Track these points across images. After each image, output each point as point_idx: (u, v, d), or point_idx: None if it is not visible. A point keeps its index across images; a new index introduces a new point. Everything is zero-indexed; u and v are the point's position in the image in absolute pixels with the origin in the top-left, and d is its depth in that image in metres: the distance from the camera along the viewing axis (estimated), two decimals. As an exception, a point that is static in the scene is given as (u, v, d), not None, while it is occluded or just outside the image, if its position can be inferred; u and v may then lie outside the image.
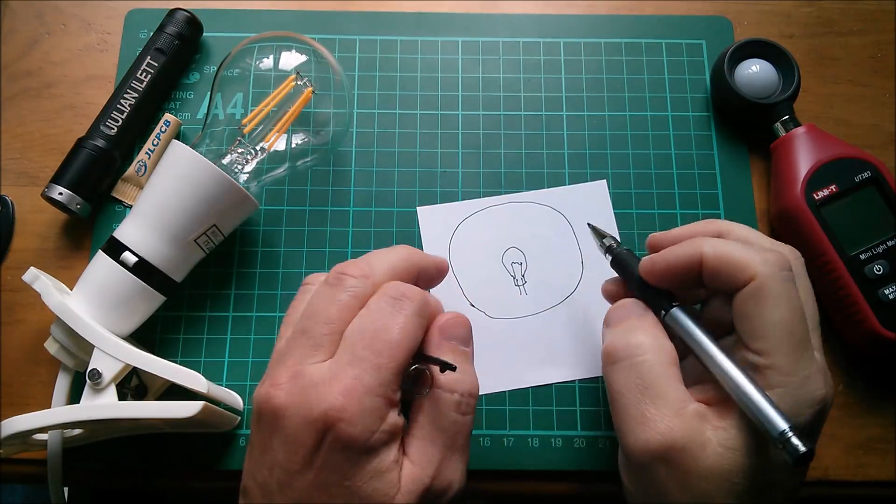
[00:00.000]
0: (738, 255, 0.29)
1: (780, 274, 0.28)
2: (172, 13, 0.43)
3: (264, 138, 0.39)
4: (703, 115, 0.44)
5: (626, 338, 0.30)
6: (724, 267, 0.29)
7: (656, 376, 0.29)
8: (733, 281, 0.29)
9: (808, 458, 0.25)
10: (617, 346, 0.30)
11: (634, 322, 0.31)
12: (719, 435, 0.27)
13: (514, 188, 0.43)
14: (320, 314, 0.28)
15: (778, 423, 0.26)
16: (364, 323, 0.28)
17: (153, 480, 0.38)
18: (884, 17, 0.47)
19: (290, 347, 0.28)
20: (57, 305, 0.34)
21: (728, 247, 0.29)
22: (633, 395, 0.29)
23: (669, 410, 0.28)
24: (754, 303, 0.28)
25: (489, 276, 0.41)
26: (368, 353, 0.27)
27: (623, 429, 0.29)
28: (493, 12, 0.46)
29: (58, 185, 0.39)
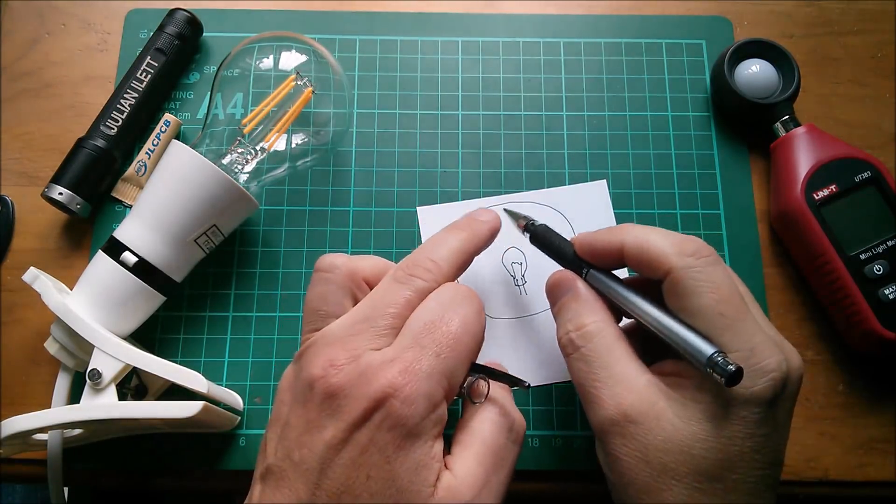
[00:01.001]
0: (653, 248, 0.29)
1: (697, 262, 0.29)
2: (172, 13, 0.43)
3: (264, 138, 0.39)
4: (703, 115, 0.44)
5: (569, 327, 0.31)
6: (641, 258, 0.30)
7: (604, 361, 0.30)
8: (653, 272, 0.30)
9: (738, 377, 0.26)
10: (564, 341, 0.31)
11: (573, 305, 0.32)
12: (674, 406, 0.28)
13: (514, 188, 0.43)
14: (385, 307, 0.29)
15: (705, 349, 0.27)
16: (425, 313, 0.28)
17: (153, 480, 0.38)
18: (884, 17, 0.47)
19: (348, 333, 0.28)
20: (57, 305, 0.34)
21: (647, 236, 0.30)
22: (588, 381, 0.30)
23: (621, 387, 0.29)
24: (676, 295, 0.29)
25: (489, 276, 0.41)
26: (429, 342, 0.27)
27: (587, 411, 0.30)
28: (493, 12, 0.46)
29: (58, 185, 0.39)
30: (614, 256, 0.31)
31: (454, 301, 0.29)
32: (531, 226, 0.37)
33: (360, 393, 0.26)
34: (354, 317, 0.29)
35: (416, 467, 0.26)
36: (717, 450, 0.27)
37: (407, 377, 0.26)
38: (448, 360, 0.27)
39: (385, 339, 0.28)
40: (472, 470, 0.27)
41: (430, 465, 0.26)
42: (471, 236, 0.33)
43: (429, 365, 0.27)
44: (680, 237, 0.30)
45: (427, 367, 0.26)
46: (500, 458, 0.29)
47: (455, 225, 0.34)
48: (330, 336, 0.29)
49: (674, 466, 0.27)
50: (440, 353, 0.27)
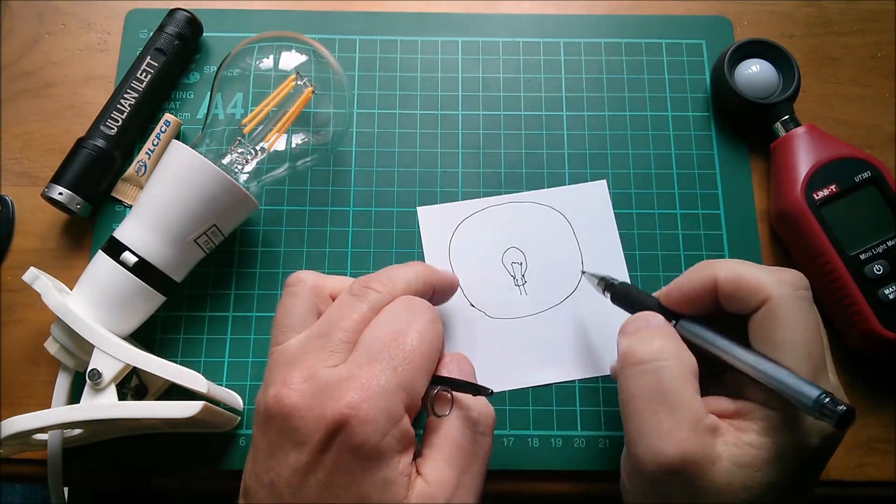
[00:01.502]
0: (751, 277, 0.29)
1: (795, 293, 0.28)
2: (172, 13, 0.43)
3: (264, 138, 0.39)
4: (703, 115, 0.44)
5: (648, 342, 0.29)
6: (737, 289, 0.29)
7: (677, 385, 0.28)
8: (748, 303, 0.29)
9: (851, 418, 0.24)
10: (637, 349, 0.29)
11: (654, 331, 0.30)
12: (730, 451, 0.27)
13: (514, 188, 0.43)
14: (340, 321, 0.28)
15: (810, 391, 0.25)
16: (381, 327, 0.28)
17: (153, 480, 0.38)
18: (884, 17, 0.47)
19: (303, 351, 0.28)
20: (57, 305, 0.34)
21: (741, 268, 0.29)
22: (650, 401, 0.28)
23: (686, 423, 0.27)
24: (769, 325, 0.28)
25: (489, 276, 0.41)
26: (385, 356, 0.27)
27: (635, 435, 0.28)
28: (493, 12, 0.46)
29: (58, 185, 0.39)
30: (705, 296, 0.30)
31: (408, 313, 0.29)
32: (611, 284, 0.36)
33: (317, 415, 0.26)
34: (310, 333, 0.29)
35: (384, 484, 0.26)
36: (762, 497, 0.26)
37: (363, 395, 0.25)
38: (405, 373, 0.27)
39: (340, 354, 0.28)
40: (443, 472, 0.27)
41: (397, 481, 0.26)
42: (428, 269, 0.33)
43: (386, 380, 0.26)
44: (776, 268, 0.29)
45: (384, 382, 0.26)
46: (469, 454, 0.28)
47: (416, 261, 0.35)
48: (287, 354, 0.29)
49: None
50: (397, 366, 0.27)
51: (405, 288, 0.31)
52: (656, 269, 0.41)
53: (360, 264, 0.41)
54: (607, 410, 0.39)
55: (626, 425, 0.29)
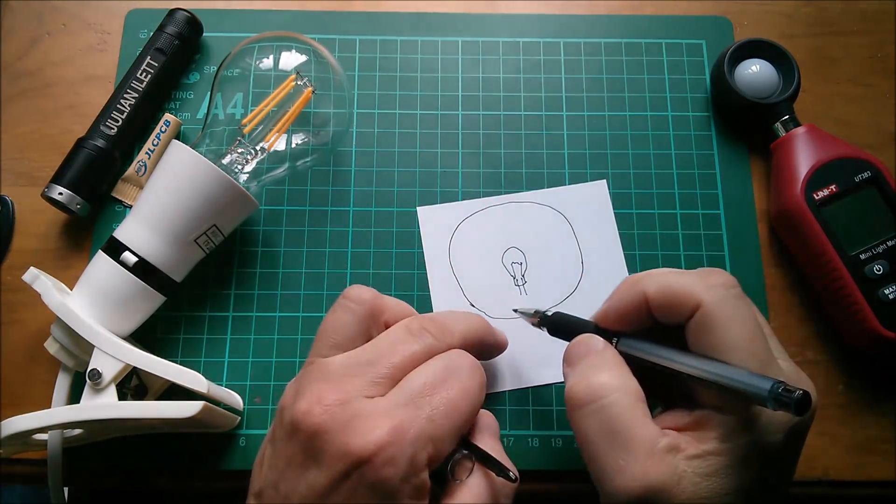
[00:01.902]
0: (679, 287, 0.28)
1: (726, 293, 0.28)
2: (172, 13, 0.43)
3: (264, 138, 0.39)
4: (703, 115, 0.44)
5: (588, 379, 0.29)
6: (668, 301, 0.28)
7: (623, 419, 0.27)
8: (680, 312, 0.28)
9: (808, 402, 0.24)
10: (579, 391, 0.29)
11: (594, 360, 0.30)
12: (693, 464, 0.26)
13: (514, 188, 0.43)
14: (390, 355, 0.28)
15: (763, 384, 0.25)
16: (429, 373, 0.28)
17: (153, 480, 0.38)
18: (884, 17, 0.47)
19: (345, 373, 0.28)
20: (57, 305, 0.34)
21: (669, 278, 0.29)
22: (602, 441, 0.27)
23: (642, 453, 0.26)
24: (707, 331, 0.27)
25: (489, 276, 0.41)
26: (424, 403, 0.26)
27: (598, 477, 0.28)
28: (493, 12, 0.46)
29: (58, 185, 0.39)
30: (639, 311, 0.30)
31: (460, 368, 0.28)
32: (544, 317, 0.35)
33: (343, 443, 0.25)
34: (357, 358, 0.28)
35: None
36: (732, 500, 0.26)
37: (394, 437, 0.25)
38: (440, 427, 0.26)
39: (380, 388, 0.27)
40: None
41: None
42: (489, 328, 0.33)
43: (419, 428, 0.26)
44: (702, 270, 0.29)
45: (418, 430, 0.26)
46: None
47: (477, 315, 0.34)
48: (327, 371, 0.28)
49: None
50: (434, 418, 0.26)
51: (462, 341, 0.30)
52: (656, 269, 0.41)
53: (360, 264, 0.41)
54: (607, 410, 0.38)
55: (589, 467, 0.29)
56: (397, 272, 0.41)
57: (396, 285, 0.41)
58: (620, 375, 0.29)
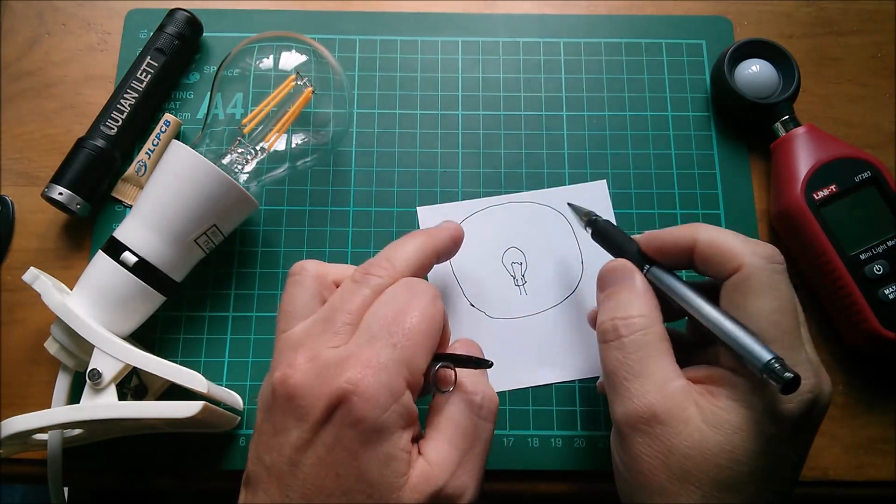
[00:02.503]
0: (728, 244, 0.29)
1: (768, 266, 0.29)
2: (172, 13, 0.43)
3: (264, 138, 0.39)
4: (703, 115, 0.44)
5: (616, 314, 0.30)
6: (714, 254, 0.30)
7: (643, 355, 0.29)
8: (722, 269, 0.29)
9: (795, 385, 0.25)
10: (607, 327, 0.31)
11: (625, 294, 0.31)
12: (705, 412, 0.27)
13: (514, 188, 0.43)
14: (343, 305, 0.29)
15: (763, 354, 0.26)
16: (380, 308, 0.28)
17: (153, 480, 0.38)
18: (884, 17, 0.47)
19: (307, 335, 0.29)
20: (57, 305, 0.34)
21: (721, 234, 0.30)
22: (620, 372, 0.29)
23: (653, 385, 0.28)
24: (740, 293, 0.28)
25: (489, 276, 0.41)
26: (385, 334, 0.27)
27: (610, 401, 0.30)
28: (493, 12, 0.46)
29: (58, 185, 0.39)
30: (682, 253, 0.31)
31: (408, 293, 0.29)
32: (593, 220, 0.36)
33: (319, 392, 0.26)
34: (315, 318, 0.29)
35: (385, 460, 0.26)
36: (741, 462, 0.27)
37: (364, 371, 0.26)
38: (406, 349, 0.27)
39: (343, 336, 0.28)
40: (445, 453, 0.28)
41: (399, 457, 0.26)
42: (429, 239, 0.33)
43: (386, 357, 0.27)
44: (755, 240, 0.30)
45: (384, 359, 0.26)
46: (471, 437, 0.29)
47: (416, 231, 0.34)
48: (292, 338, 0.29)
49: (695, 473, 0.27)
50: (396, 343, 0.27)
51: (405, 268, 0.31)
52: (656, 269, 0.41)
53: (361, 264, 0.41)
54: (607, 410, 0.38)
55: (607, 392, 0.31)
56: (397, 272, 0.41)
57: (396, 285, 0.41)
58: (648, 310, 0.30)
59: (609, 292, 0.32)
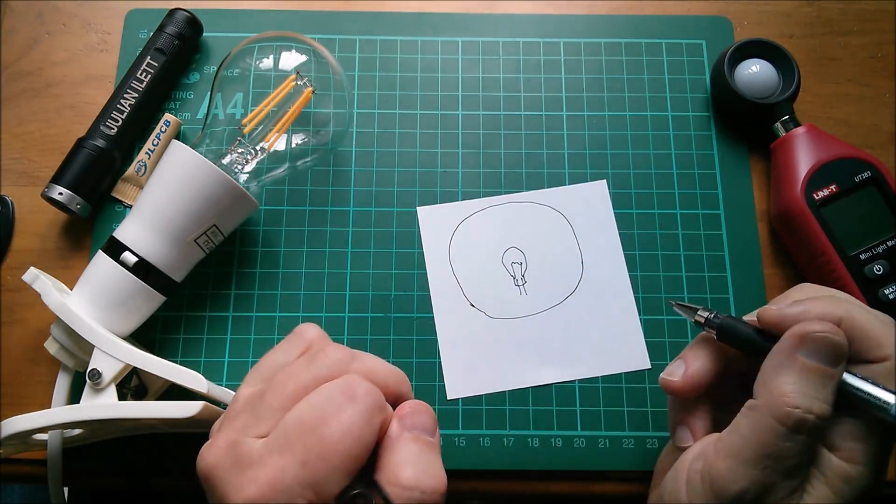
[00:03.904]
0: (876, 330, 0.28)
1: None
2: (172, 13, 0.43)
3: (264, 138, 0.39)
4: (703, 115, 0.44)
5: (812, 403, 0.27)
6: (859, 337, 0.28)
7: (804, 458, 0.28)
8: (864, 354, 0.28)
9: None
10: (797, 412, 0.27)
11: (828, 380, 0.27)
12: None
13: (514, 188, 0.43)
14: (279, 387, 0.27)
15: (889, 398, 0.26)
16: (305, 410, 0.25)
17: (153, 480, 0.38)
18: (884, 17, 0.47)
19: (244, 408, 0.27)
20: (57, 305, 0.34)
21: (868, 317, 0.28)
22: (779, 459, 0.27)
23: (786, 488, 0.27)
24: (884, 383, 0.27)
25: (489, 276, 0.41)
26: (300, 447, 0.24)
27: (734, 464, 0.28)
28: (493, 12, 0.46)
29: (58, 185, 0.39)
30: None
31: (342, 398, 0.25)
32: (716, 320, 0.31)
33: (224, 497, 0.25)
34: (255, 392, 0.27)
35: None
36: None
37: (264, 491, 0.24)
38: (317, 470, 0.24)
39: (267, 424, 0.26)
40: None
41: None
42: (401, 376, 0.29)
43: (291, 476, 0.24)
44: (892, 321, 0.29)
45: (289, 479, 0.24)
46: None
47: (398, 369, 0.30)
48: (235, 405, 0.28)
49: None
50: (306, 461, 0.24)
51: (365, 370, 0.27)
52: (656, 269, 0.41)
53: (360, 264, 0.41)
54: (607, 410, 0.39)
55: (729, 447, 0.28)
56: (397, 272, 0.41)
57: (396, 285, 0.41)
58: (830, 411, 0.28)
59: (816, 367, 0.27)
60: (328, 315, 0.40)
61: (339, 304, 0.40)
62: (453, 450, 0.38)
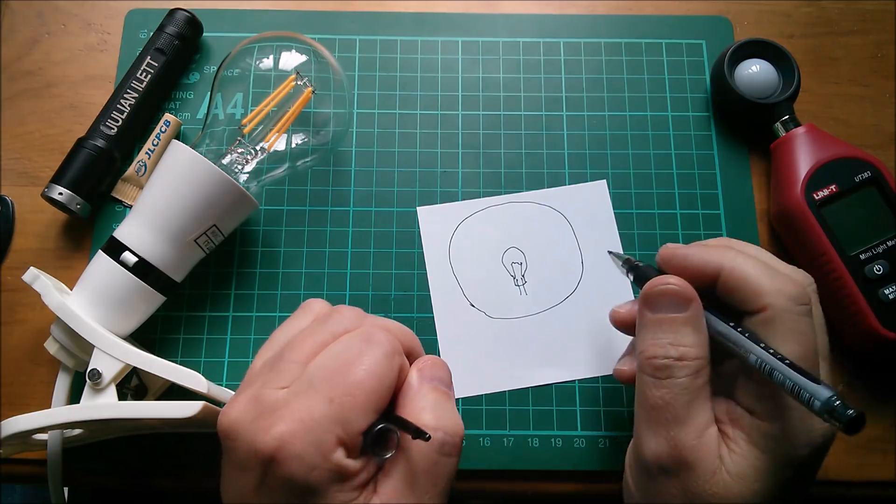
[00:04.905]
0: (755, 280, 0.29)
1: (795, 308, 0.28)
2: (172, 13, 0.43)
3: (264, 138, 0.39)
4: (703, 115, 0.44)
5: (667, 351, 0.29)
6: (739, 287, 0.29)
7: (690, 399, 0.28)
8: (745, 304, 0.29)
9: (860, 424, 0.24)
10: (659, 363, 0.29)
11: (683, 328, 0.29)
12: (726, 461, 0.28)
13: (514, 188, 0.43)
14: (297, 345, 0.28)
15: (822, 392, 0.25)
16: (328, 357, 0.27)
17: (153, 480, 0.38)
18: (884, 17, 0.47)
19: (261, 372, 0.28)
20: (57, 305, 0.34)
21: (748, 267, 0.29)
22: (663, 412, 0.28)
23: (692, 432, 0.28)
24: (762, 333, 0.28)
25: (489, 276, 0.41)
26: (326, 387, 0.25)
27: (642, 432, 0.29)
28: (493, 12, 0.46)
29: (58, 185, 0.39)
30: (705, 279, 0.30)
31: (362, 344, 0.27)
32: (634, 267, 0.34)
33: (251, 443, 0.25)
34: (273, 355, 0.28)
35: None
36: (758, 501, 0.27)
37: (293, 427, 0.25)
38: (342, 406, 0.25)
39: (288, 376, 0.27)
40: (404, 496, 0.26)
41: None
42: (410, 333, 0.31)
43: (319, 412, 0.25)
44: (782, 276, 0.29)
45: (317, 414, 0.25)
46: (433, 476, 0.26)
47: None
48: (252, 372, 0.28)
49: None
50: (333, 398, 0.25)
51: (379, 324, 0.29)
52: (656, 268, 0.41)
53: (360, 264, 0.41)
54: (607, 410, 0.39)
55: (637, 420, 0.30)
56: (397, 272, 0.41)
57: (396, 285, 0.41)
58: (698, 349, 0.29)
59: (663, 318, 0.30)
60: (328, 315, 0.40)
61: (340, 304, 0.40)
62: (453, 450, 0.38)
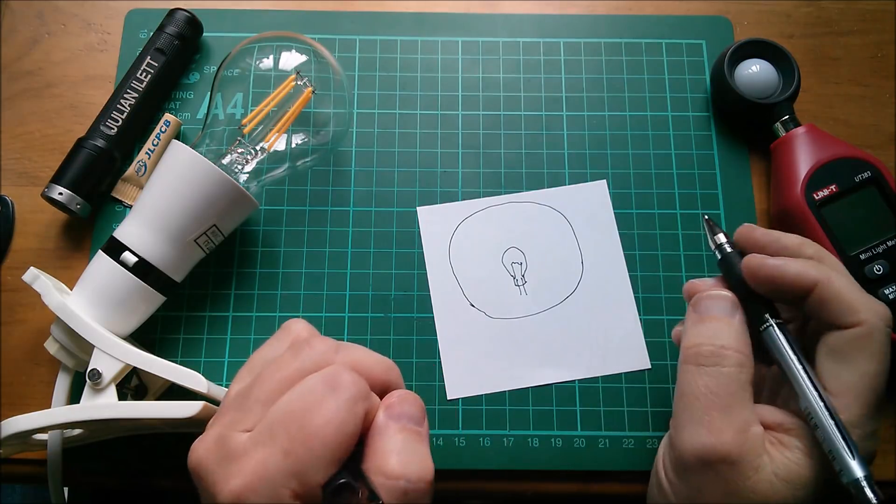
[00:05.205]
0: (852, 296, 0.29)
1: (886, 329, 0.28)
2: (172, 13, 0.43)
3: (264, 138, 0.39)
4: (703, 115, 0.44)
5: (713, 340, 0.30)
6: (835, 302, 0.29)
7: (732, 392, 0.28)
8: (838, 317, 0.29)
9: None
10: (702, 350, 0.30)
11: (724, 325, 0.30)
12: (776, 463, 0.27)
13: (514, 188, 0.43)
14: (266, 380, 0.27)
15: (855, 470, 0.26)
16: (289, 401, 0.25)
17: (153, 480, 0.38)
18: (884, 17, 0.47)
19: (231, 404, 0.27)
20: (57, 305, 0.34)
21: (845, 282, 0.29)
22: (704, 400, 0.29)
23: (735, 426, 0.28)
24: (855, 348, 0.28)
25: (489, 276, 0.41)
26: (283, 436, 0.24)
27: (681, 424, 0.29)
28: (493, 12, 0.46)
29: (58, 185, 0.39)
30: (799, 292, 0.30)
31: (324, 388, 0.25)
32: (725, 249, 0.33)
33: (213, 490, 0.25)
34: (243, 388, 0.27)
35: None
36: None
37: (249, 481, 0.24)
38: (298, 459, 0.24)
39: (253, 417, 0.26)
40: None
41: None
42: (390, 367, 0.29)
43: (274, 466, 0.24)
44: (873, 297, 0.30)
45: (273, 469, 0.24)
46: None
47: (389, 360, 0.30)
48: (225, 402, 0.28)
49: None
50: (289, 450, 0.24)
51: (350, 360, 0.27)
52: (656, 269, 0.41)
53: (360, 264, 0.41)
54: (607, 410, 0.39)
55: (677, 412, 0.30)
56: (397, 272, 0.41)
57: (396, 285, 0.41)
58: (743, 348, 0.30)
59: (709, 317, 0.31)
60: (328, 315, 0.40)
61: (339, 304, 0.40)
62: (453, 450, 0.38)
